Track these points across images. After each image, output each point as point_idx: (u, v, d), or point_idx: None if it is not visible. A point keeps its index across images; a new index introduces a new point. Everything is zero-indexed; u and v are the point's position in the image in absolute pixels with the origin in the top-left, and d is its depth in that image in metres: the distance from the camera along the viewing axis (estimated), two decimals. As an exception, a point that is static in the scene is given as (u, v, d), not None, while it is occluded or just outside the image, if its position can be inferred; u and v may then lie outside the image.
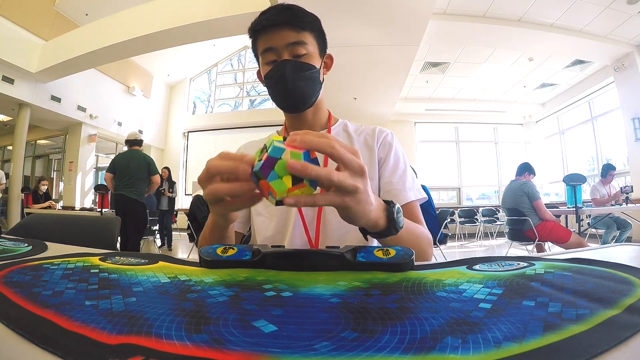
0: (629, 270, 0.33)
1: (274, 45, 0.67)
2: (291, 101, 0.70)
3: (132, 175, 3.52)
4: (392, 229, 0.46)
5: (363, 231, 0.48)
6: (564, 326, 0.21)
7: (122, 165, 3.57)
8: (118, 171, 3.57)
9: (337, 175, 0.36)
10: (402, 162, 0.75)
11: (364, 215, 0.41)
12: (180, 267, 0.42)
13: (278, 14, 0.66)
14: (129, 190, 3.50)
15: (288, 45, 0.67)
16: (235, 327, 0.23)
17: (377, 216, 0.44)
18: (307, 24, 0.68)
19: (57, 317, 0.24)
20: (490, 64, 6.18)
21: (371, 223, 0.44)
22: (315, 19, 0.71)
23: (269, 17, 0.66)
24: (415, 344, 0.20)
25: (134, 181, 3.52)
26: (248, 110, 9.79)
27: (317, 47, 0.71)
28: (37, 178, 7.10)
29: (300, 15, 0.68)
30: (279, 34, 0.66)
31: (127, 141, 3.76)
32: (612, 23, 4.72)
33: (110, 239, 1.08)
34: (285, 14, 0.67)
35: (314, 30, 0.70)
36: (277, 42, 0.67)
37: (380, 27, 4.16)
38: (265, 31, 0.67)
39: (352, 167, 0.38)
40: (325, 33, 0.74)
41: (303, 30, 0.68)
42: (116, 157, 3.73)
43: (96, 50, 5.50)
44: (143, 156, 3.64)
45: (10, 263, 0.42)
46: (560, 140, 7.78)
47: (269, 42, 0.67)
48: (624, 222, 4.06)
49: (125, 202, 3.49)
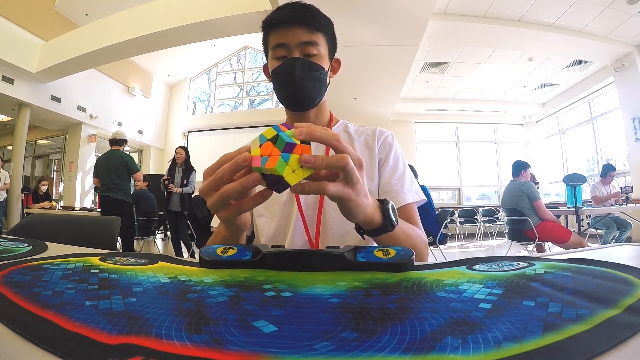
0: (629, 270, 0.33)
1: (286, 42, 0.67)
2: (296, 99, 0.70)
3: (112, 176, 3.53)
4: (388, 225, 0.47)
5: (359, 230, 0.49)
6: (564, 326, 0.21)
7: (101, 167, 3.60)
8: (100, 174, 3.59)
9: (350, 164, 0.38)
10: (402, 164, 0.75)
11: (362, 208, 0.42)
12: (180, 267, 0.42)
13: (295, 11, 0.67)
14: (112, 192, 3.52)
15: (300, 44, 0.67)
16: (235, 327, 0.23)
17: (372, 212, 0.45)
18: (322, 25, 0.69)
19: (57, 317, 0.24)
20: (490, 64, 6.18)
21: (368, 218, 0.45)
22: (329, 22, 0.72)
23: (286, 13, 0.67)
24: (415, 344, 0.20)
25: (116, 182, 3.53)
26: (248, 110, 9.79)
27: (328, 49, 0.72)
28: (37, 178, 7.11)
29: (316, 16, 0.68)
30: (292, 31, 0.67)
31: (109, 141, 3.77)
32: (612, 23, 4.73)
33: (110, 239, 1.08)
34: (302, 12, 0.67)
35: (327, 33, 0.71)
36: (290, 39, 0.67)
37: (380, 27, 4.17)
38: (279, 26, 0.68)
39: (354, 159, 0.39)
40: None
41: (317, 31, 0.68)
42: (97, 160, 3.76)
43: (96, 50, 5.49)
44: (120, 155, 3.63)
45: (10, 263, 0.42)
46: (560, 140, 7.78)
47: (281, 38, 0.68)
48: (624, 222, 4.06)
49: (112, 203, 3.50)
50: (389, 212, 0.47)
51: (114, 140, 3.71)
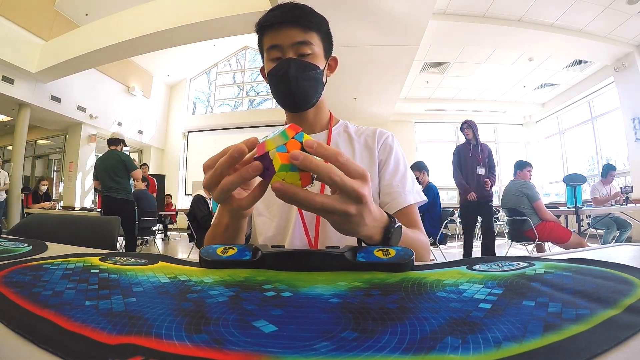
0: (629, 270, 0.33)
1: (280, 43, 0.67)
2: (292, 100, 0.70)
3: (111, 176, 3.55)
4: (386, 244, 0.45)
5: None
6: (564, 326, 0.21)
7: (100, 168, 3.63)
8: (99, 175, 3.63)
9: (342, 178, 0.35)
10: (403, 165, 0.75)
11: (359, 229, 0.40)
12: (180, 267, 0.42)
13: (287, 12, 0.67)
14: (113, 192, 3.55)
15: (294, 44, 0.67)
16: (235, 327, 0.23)
17: (372, 233, 0.42)
18: (315, 24, 0.69)
19: (57, 317, 0.24)
20: (490, 64, 6.18)
21: (363, 236, 0.43)
22: (323, 20, 0.71)
23: (278, 14, 0.67)
24: (415, 344, 0.20)
25: (116, 181, 3.55)
26: (247, 110, 9.80)
27: (323, 48, 0.72)
28: (37, 178, 7.11)
29: (308, 15, 0.68)
30: (285, 32, 0.67)
31: (107, 141, 3.79)
32: (612, 23, 4.73)
33: (110, 239, 1.08)
34: (295, 12, 0.67)
35: (320, 32, 0.70)
36: (283, 40, 0.67)
37: (381, 27, 4.17)
38: (272, 28, 0.68)
39: (355, 172, 0.37)
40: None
41: (310, 30, 0.68)
42: (95, 162, 3.80)
43: (96, 50, 5.50)
44: (117, 155, 3.65)
45: (10, 263, 0.42)
46: (560, 140, 7.78)
47: (275, 40, 0.68)
48: (624, 222, 4.06)
49: (113, 203, 3.53)
50: (391, 235, 0.44)
51: (111, 140, 3.73)
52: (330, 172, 0.35)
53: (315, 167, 0.34)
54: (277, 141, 0.36)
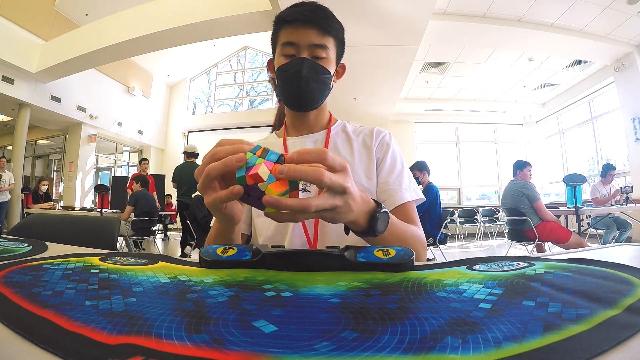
0: (629, 270, 0.33)
1: (297, 41, 0.67)
2: (299, 99, 0.70)
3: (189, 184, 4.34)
4: (371, 232, 0.46)
5: (345, 228, 0.49)
6: (564, 326, 0.21)
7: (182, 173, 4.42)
8: (183, 178, 4.39)
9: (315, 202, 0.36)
10: (399, 163, 0.75)
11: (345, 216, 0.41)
12: (180, 267, 0.42)
13: (311, 11, 0.66)
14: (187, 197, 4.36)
15: (310, 45, 0.67)
16: (235, 327, 0.23)
17: (357, 217, 0.43)
18: (334, 29, 0.69)
19: (57, 317, 0.24)
20: (490, 64, 6.18)
21: (349, 222, 0.44)
22: (341, 27, 0.72)
23: (301, 11, 0.66)
24: (415, 344, 0.20)
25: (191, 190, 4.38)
26: (248, 110, 9.79)
27: (336, 54, 0.72)
28: (37, 178, 7.11)
29: (329, 19, 0.68)
30: (304, 31, 0.66)
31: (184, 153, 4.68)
32: (612, 23, 4.73)
33: (110, 239, 1.08)
34: (318, 13, 0.66)
35: (337, 38, 0.71)
36: (300, 38, 0.67)
37: (381, 27, 4.17)
38: (292, 24, 0.67)
39: (334, 165, 0.38)
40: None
41: (328, 35, 0.68)
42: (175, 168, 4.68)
43: (96, 50, 5.50)
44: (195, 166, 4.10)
45: (10, 263, 0.42)
46: (560, 140, 7.78)
47: (292, 36, 0.67)
48: (624, 222, 4.06)
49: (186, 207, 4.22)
50: (376, 221, 0.45)
51: (190, 153, 4.58)
52: (320, 176, 0.35)
53: (305, 176, 0.35)
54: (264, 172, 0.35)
